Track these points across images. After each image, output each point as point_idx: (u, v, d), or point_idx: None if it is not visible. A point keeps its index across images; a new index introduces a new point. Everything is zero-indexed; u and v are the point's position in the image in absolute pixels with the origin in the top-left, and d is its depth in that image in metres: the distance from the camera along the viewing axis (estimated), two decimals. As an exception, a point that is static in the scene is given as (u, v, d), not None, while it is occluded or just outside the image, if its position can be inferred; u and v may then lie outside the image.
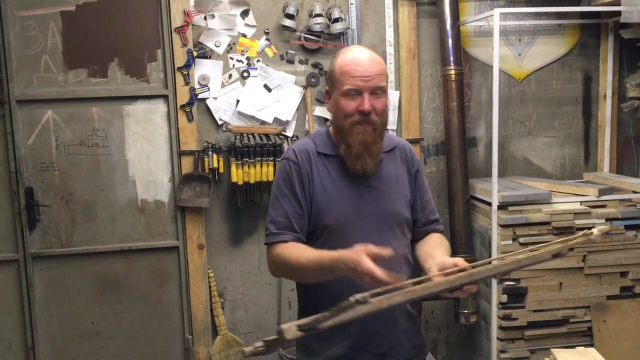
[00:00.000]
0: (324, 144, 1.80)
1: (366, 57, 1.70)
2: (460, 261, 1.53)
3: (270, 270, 1.79)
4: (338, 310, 1.27)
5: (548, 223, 2.98)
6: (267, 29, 3.33)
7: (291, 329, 1.28)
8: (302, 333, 1.28)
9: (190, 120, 3.26)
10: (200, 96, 3.27)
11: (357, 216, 1.73)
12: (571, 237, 1.53)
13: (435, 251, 1.74)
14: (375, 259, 1.40)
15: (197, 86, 3.26)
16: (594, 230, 1.48)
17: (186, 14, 3.19)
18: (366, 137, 1.70)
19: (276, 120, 3.34)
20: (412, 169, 1.88)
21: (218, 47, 3.28)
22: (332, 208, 1.72)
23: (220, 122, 3.32)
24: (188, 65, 3.23)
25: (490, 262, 1.53)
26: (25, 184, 3.21)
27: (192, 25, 3.23)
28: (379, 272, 1.37)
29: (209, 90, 3.28)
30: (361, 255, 1.40)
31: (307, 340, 1.80)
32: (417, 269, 1.81)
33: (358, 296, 1.26)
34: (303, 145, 1.79)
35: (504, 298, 3.01)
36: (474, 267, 1.48)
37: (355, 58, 1.70)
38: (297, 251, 1.66)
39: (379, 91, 1.69)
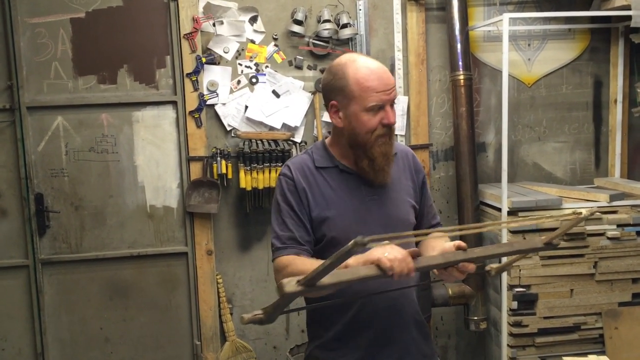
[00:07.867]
0: (322, 157, 1.77)
1: (381, 68, 1.68)
2: (462, 243, 1.55)
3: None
4: (337, 257, 1.20)
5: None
6: (275, 35, 3.33)
7: (290, 283, 1.25)
8: (302, 287, 1.25)
9: (199, 126, 3.27)
10: (209, 102, 3.28)
11: (363, 225, 1.69)
12: (563, 218, 1.57)
13: (436, 241, 1.73)
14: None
15: (205, 92, 3.27)
16: (583, 211, 1.50)
17: (195, 20, 3.20)
18: (387, 149, 1.70)
19: (284, 126, 3.34)
20: (417, 177, 1.86)
21: (227, 53, 3.29)
22: (337, 219, 1.70)
23: (229, 128, 3.33)
24: (197, 71, 3.24)
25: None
26: (35, 190, 3.23)
27: (201, 31, 3.24)
28: (399, 252, 1.38)
29: (217, 96, 3.29)
30: (375, 251, 1.40)
31: (316, 352, 1.79)
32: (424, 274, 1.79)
33: (358, 239, 1.16)
34: (299, 162, 1.77)
35: (515, 305, 2.99)
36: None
37: (373, 71, 1.66)
38: (306, 265, 1.60)
39: (395, 101, 1.70)
